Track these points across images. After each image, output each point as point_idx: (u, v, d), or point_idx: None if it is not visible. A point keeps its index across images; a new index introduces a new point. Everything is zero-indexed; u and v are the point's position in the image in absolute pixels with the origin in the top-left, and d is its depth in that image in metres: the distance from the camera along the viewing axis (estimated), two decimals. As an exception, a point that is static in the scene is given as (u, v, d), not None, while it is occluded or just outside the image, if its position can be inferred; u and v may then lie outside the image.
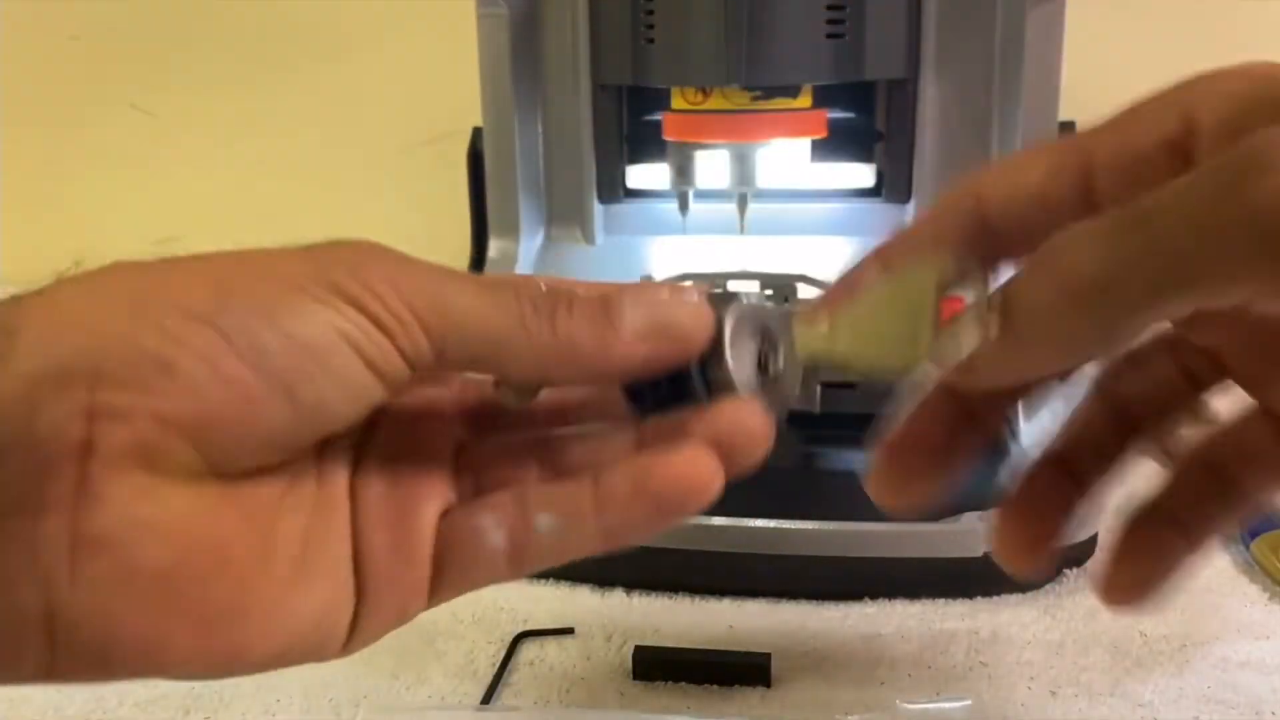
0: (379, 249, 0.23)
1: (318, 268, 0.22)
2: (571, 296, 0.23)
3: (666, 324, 0.24)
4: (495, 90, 0.63)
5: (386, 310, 0.22)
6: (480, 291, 0.23)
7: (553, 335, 0.23)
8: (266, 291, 0.22)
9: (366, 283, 0.22)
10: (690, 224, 0.63)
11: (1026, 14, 0.58)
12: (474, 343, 0.23)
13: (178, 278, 0.22)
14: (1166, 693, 0.40)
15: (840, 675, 0.42)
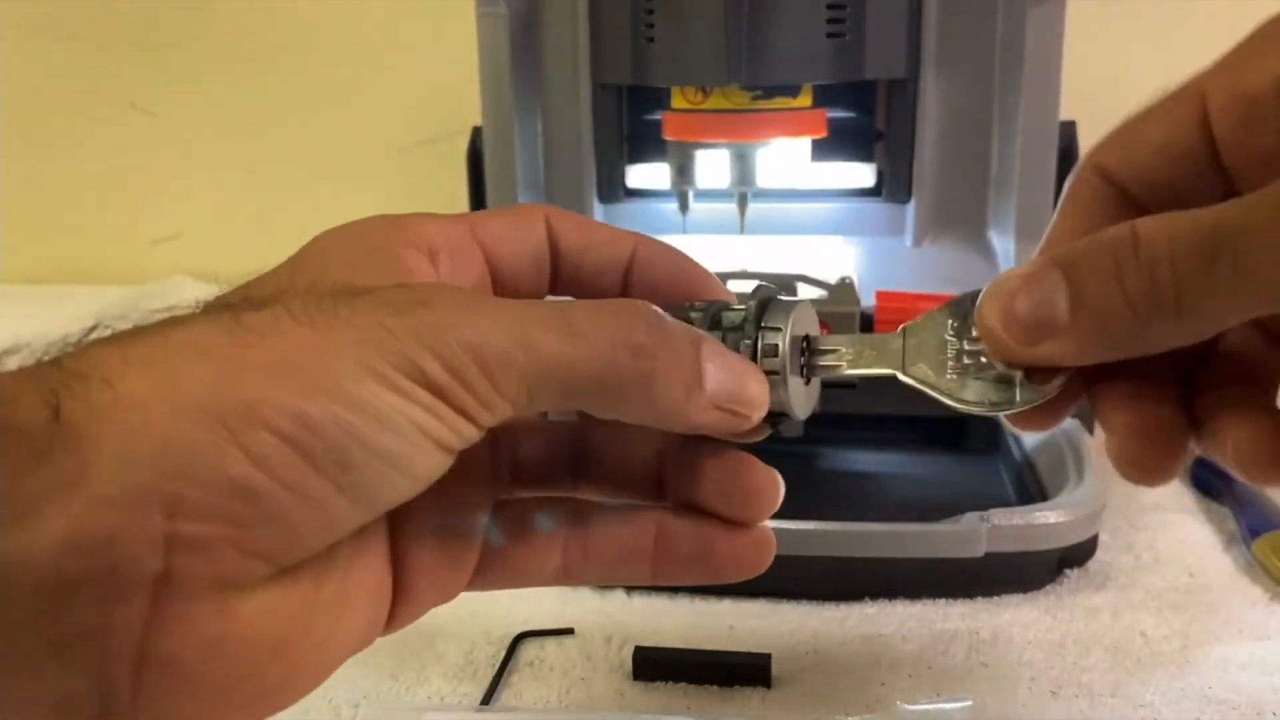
0: (459, 304, 0.22)
1: (397, 347, 0.21)
2: (670, 345, 0.23)
3: (741, 397, 0.24)
4: (495, 90, 0.63)
5: (470, 393, 0.21)
6: (573, 341, 0.22)
7: (645, 388, 0.23)
8: (349, 390, 0.20)
9: (449, 361, 0.21)
10: (690, 224, 0.63)
11: (1026, 14, 0.58)
12: (559, 396, 0.23)
13: (257, 376, 0.20)
14: (1167, 693, 0.40)
15: (840, 675, 0.42)
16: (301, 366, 0.20)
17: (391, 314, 0.21)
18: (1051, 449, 0.53)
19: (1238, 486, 0.54)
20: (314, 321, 0.21)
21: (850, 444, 0.61)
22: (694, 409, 0.23)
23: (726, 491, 0.27)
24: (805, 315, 0.27)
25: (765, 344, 0.26)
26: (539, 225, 0.28)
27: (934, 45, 0.59)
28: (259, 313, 0.21)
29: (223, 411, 0.19)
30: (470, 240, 0.27)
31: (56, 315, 0.95)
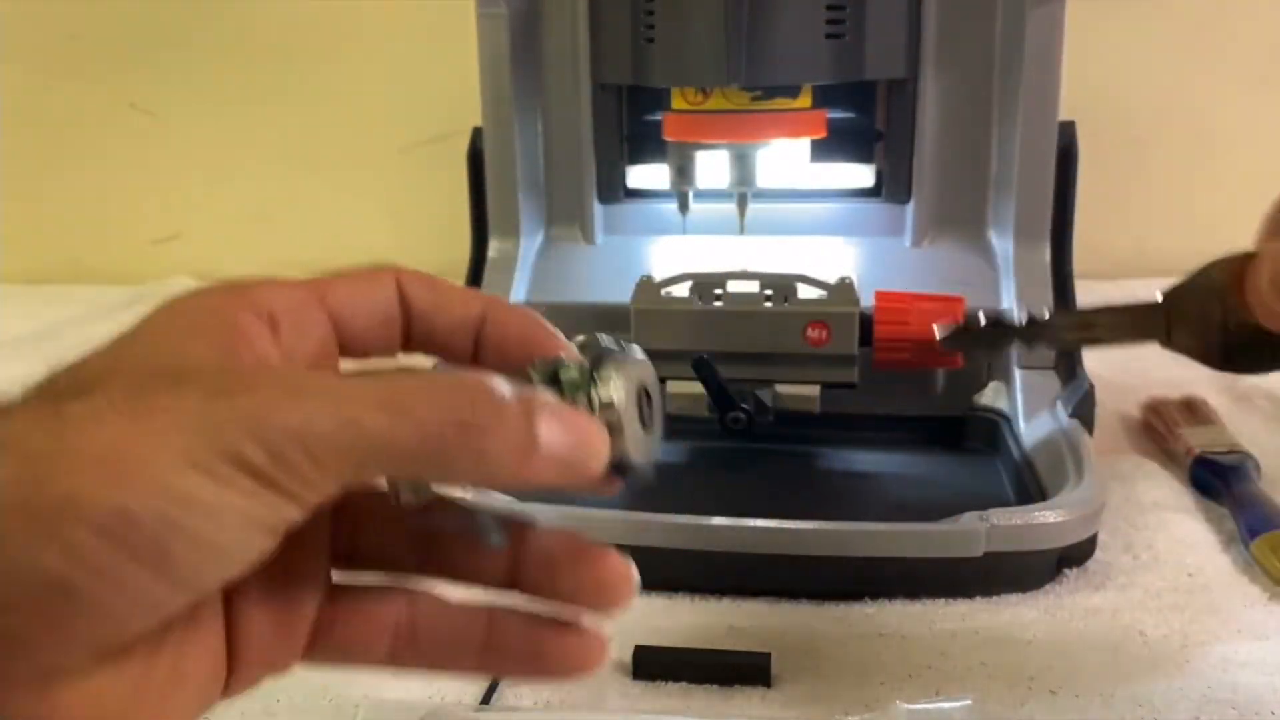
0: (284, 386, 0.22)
1: (217, 434, 0.20)
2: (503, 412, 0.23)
3: (579, 454, 0.24)
4: (495, 90, 0.63)
5: (293, 475, 0.21)
6: (401, 419, 0.22)
7: (477, 460, 0.22)
8: (167, 481, 0.20)
9: (270, 445, 0.21)
10: (690, 224, 0.63)
11: (1026, 14, 0.58)
12: (388, 468, 0.22)
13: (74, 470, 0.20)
14: (1166, 693, 0.40)
15: (840, 675, 0.42)
16: (119, 458, 0.20)
17: (212, 399, 0.21)
18: (1051, 449, 0.53)
19: (1237, 487, 0.54)
20: (134, 410, 0.21)
21: (850, 444, 0.61)
22: (530, 470, 0.23)
23: (579, 581, 0.27)
24: (640, 368, 0.27)
25: (601, 398, 0.26)
26: (389, 286, 0.28)
27: (933, 46, 0.59)
28: (80, 402, 0.21)
29: (39, 508, 0.20)
30: (315, 305, 0.27)
31: (56, 315, 0.95)
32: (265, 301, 0.25)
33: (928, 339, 0.54)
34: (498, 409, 0.22)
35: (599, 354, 0.27)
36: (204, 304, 0.25)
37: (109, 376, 0.22)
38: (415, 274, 0.28)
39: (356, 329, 0.27)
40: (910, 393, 0.61)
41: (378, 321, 0.27)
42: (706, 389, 0.55)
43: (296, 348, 0.26)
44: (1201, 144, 0.96)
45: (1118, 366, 0.72)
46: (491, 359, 0.28)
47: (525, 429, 0.23)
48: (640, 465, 0.27)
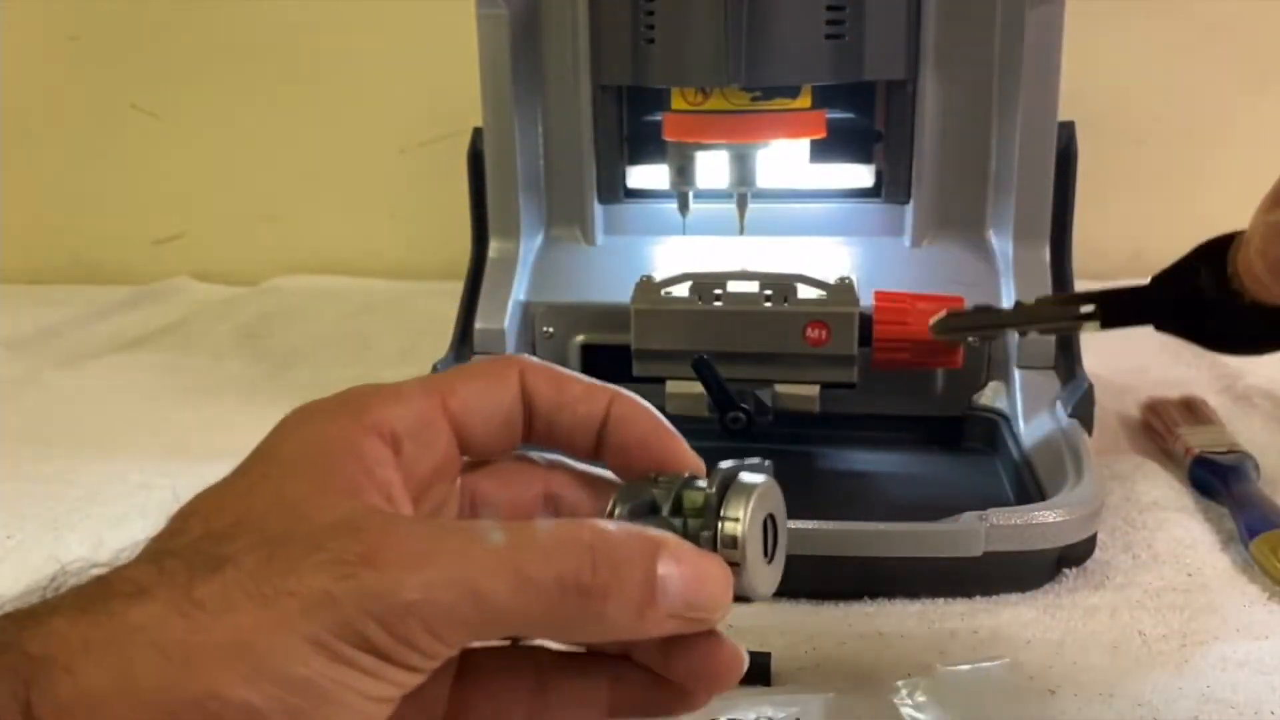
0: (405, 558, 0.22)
1: (342, 617, 0.21)
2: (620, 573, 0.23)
3: (700, 605, 0.24)
4: (495, 90, 0.63)
5: (414, 650, 0.22)
6: (520, 589, 0.22)
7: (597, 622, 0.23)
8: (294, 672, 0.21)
9: (393, 627, 0.22)
10: (690, 224, 0.63)
11: (1026, 14, 0.58)
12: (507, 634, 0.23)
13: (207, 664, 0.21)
14: (1166, 692, 0.40)
15: (840, 675, 0.42)
16: (250, 650, 0.21)
17: (336, 578, 0.22)
18: (1050, 448, 0.53)
19: (1236, 487, 0.54)
20: (263, 595, 0.22)
21: (850, 444, 0.61)
22: (648, 626, 0.23)
23: (691, 668, 0.27)
24: (768, 494, 0.27)
25: (725, 535, 0.25)
26: (513, 384, 0.28)
27: (933, 46, 0.59)
28: (212, 583, 0.22)
29: (175, 705, 0.21)
30: (438, 416, 0.27)
31: (56, 315, 0.95)
32: (389, 422, 0.26)
33: (927, 339, 0.54)
34: (616, 571, 0.23)
35: (728, 478, 0.27)
36: (326, 430, 0.25)
37: (239, 543, 0.23)
38: (540, 368, 0.28)
39: (478, 433, 0.28)
40: (910, 393, 0.61)
41: (499, 423, 0.28)
42: (706, 389, 0.55)
43: (419, 464, 0.26)
44: (1201, 144, 0.96)
45: (1117, 366, 0.72)
46: (613, 459, 0.29)
47: (644, 590, 0.23)
48: (760, 597, 0.26)
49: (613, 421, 0.28)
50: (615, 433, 0.28)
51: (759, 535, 0.26)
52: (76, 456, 0.62)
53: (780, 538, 0.27)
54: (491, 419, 0.28)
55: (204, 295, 1.03)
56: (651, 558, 0.23)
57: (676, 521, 0.26)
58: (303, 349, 0.86)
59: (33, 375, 0.80)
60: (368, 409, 0.26)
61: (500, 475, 0.29)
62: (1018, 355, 0.59)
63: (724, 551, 0.25)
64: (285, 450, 0.25)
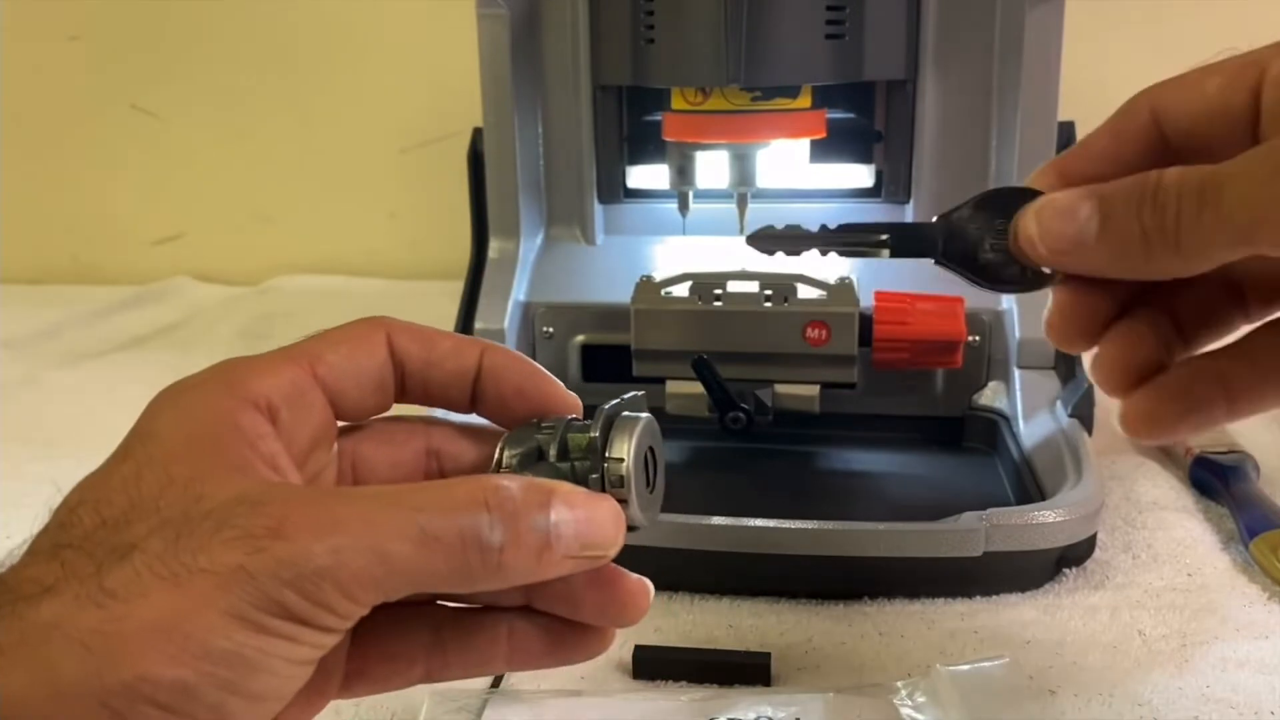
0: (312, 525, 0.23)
1: (258, 588, 0.22)
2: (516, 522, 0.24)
3: (595, 543, 0.25)
4: (495, 90, 0.63)
5: (330, 611, 0.23)
6: (425, 548, 0.23)
7: (497, 571, 0.24)
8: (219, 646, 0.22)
9: (308, 592, 0.22)
10: (690, 224, 0.63)
11: (1026, 14, 0.58)
12: (414, 590, 0.24)
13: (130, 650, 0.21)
14: (1166, 692, 0.40)
15: (840, 674, 0.42)
16: (173, 629, 0.21)
17: (248, 552, 0.22)
18: (1050, 448, 0.53)
19: (1236, 487, 0.54)
20: (176, 576, 0.22)
21: (850, 444, 0.61)
22: (547, 569, 0.25)
23: (600, 604, 0.28)
24: (647, 429, 0.28)
25: (611, 474, 0.27)
26: (380, 345, 0.28)
27: (933, 46, 0.59)
28: (120, 570, 0.22)
29: (104, 694, 0.21)
30: (309, 383, 0.27)
31: (56, 315, 0.95)
32: (262, 392, 0.26)
33: (927, 339, 0.54)
34: (513, 521, 0.24)
35: (610, 417, 0.28)
36: (203, 406, 0.26)
37: (139, 528, 0.23)
38: (406, 327, 0.29)
39: (351, 397, 0.28)
40: (910, 393, 0.61)
41: (371, 386, 0.28)
42: (706, 389, 0.55)
43: (297, 433, 0.27)
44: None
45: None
46: (490, 409, 0.29)
47: (539, 536, 0.24)
48: (645, 525, 0.28)
49: (486, 373, 0.29)
50: (490, 384, 0.29)
51: (642, 470, 0.27)
52: (76, 456, 0.62)
53: (659, 467, 0.29)
54: (362, 381, 0.28)
55: (204, 295, 1.03)
56: (544, 506, 0.24)
57: (564, 466, 0.27)
58: (303, 349, 0.85)
59: (33, 375, 0.80)
60: (241, 382, 0.26)
61: (378, 436, 0.30)
62: (1018, 355, 0.59)
63: (611, 490, 0.27)
64: (165, 430, 0.25)
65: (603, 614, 0.28)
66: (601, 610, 0.28)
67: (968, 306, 0.55)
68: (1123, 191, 0.28)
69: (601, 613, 0.28)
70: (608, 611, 0.28)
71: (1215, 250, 0.27)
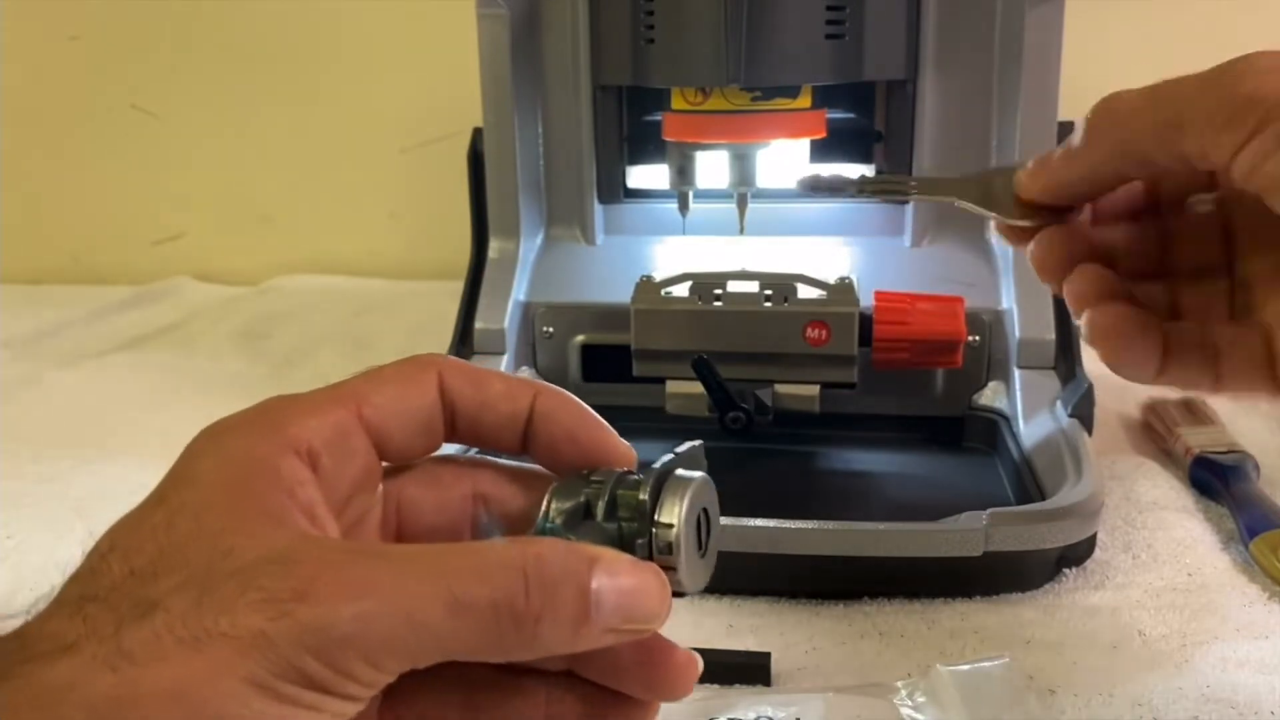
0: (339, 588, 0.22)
1: (278, 656, 0.21)
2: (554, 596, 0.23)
3: (637, 617, 0.24)
4: (495, 90, 0.63)
5: (353, 680, 0.22)
6: (456, 615, 0.22)
7: (532, 642, 0.23)
8: (238, 713, 0.21)
9: (333, 661, 0.21)
10: (690, 224, 0.63)
11: (1026, 14, 0.58)
12: (444, 658, 0.23)
13: (144, 713, 0.21)
14: (1166, 692, 0.40)
15: (840, 674, 0.42)
16: (186, 698, 0.21)
17: (271, 617, 0.21)
18: (1050, 448, 0.53)
19: (1236, 487, 0.54)
20: (195, 639, 0.21)
21: (850, 444, 0.61)
22: (585, 642, 0.23)
23: (645, 677, 0.27)
24: (701, 490, 0.27)
25: (659, 541, 0.25)
26: (430, 386, 0.27)
27: (933, 46, 0.59)
28: (140, 629, 0.21)
29: None
30: (354, 426, 0.26)
31: (56, 315, 0.95)
32: (304, 437, 0.25)
33: (927, 339, 0.54)
34: (550, 591, 0.23)
35: (662, 476, 0.26)
36: (242, 451, 0.25)
37: (164, 584, 0.22)
38: (458, 367, 0.28)
39: (397, 439, 0.27)
40: (910, 393, 0.61)
41: (417, 427, 0.27)
42: (706, 389, 0.55)
43: (339, 478, 0.26)
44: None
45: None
46: (541, 454, 0.28)
47: (578, 608, 0.23)
48: (693, 593, 0.26)
49: (538, 417, 0.28)
50: (542, 428, 0.28)
51: (693, 535, 0.26)
52: (76, 456, 0.62)
53: (713, 529, 0.27)
54: (409, 423, 0.27)
55: (204, 295, 1.03)
56: (585, 575, 0.23)
57: (611, 526, 0.26)
58: (303, 349, 0.86)
59: (33, 375, 0.80)
60: (282, 425, 0.25)
61: (425, 478, 0.29)
62: (1018, 355, 0.59)
63: (659, 558, 0.25)
64: (201, 474, 0.24)
65: (647, 687, 0.27)
66: (646, 683, 0.27)
67: (968, 306, 0.55)
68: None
69: (646, 686, 0.27)
70: (652, 685, 0.27)
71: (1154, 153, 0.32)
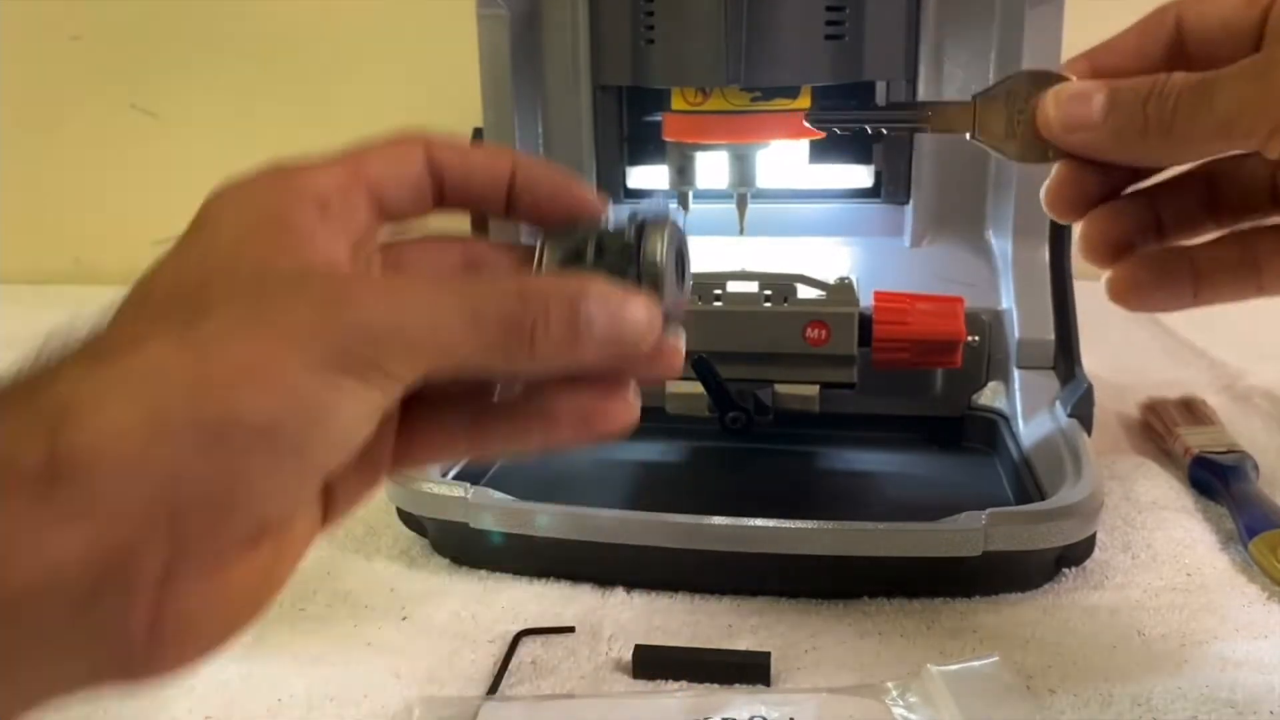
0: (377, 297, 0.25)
1: (331, 344, 0.24)
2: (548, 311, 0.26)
3: (624, 336, 0.27)
4: (495, 90, 0.63)
5: (389, 375, 0.25)
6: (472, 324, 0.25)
7: (530, 354, 0.26)
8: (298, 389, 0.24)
9: (380, 354, 0.24)
10: (690, 224, 0.63)
11: (1026, 14, 0.58)
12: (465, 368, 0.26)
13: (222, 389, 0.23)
14: (1165, 692, 0.40)
15: (839, 674, 0.42)
16: (261, 372, 0.23)
17: (321, 315, 0.24)
18: (1049, 448, 0.53)
19: (1235, 487, 0.55)
20: (260, 326, 0.24)
21: (849, 444, 0.61)
22: (580, 355, 0.27)
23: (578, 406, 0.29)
24: (675, 230, 0.30)
25: (646, 273, 0.29)
26: (419, 155, 0.30)
27: (933, 46, 0.59)
28: (210, 323, 0.24)
29: (200, 426, 0.23)
30: (356, 183, 0.29)
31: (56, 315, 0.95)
32: (313, 188, 0.28)
33: (927, 339, 0.54)
34: (545, 308, 0.26)
35: (641, 221, 0.30)
36: (260, 200, 0.28)
37: (218, 292, 0.25)
38: (441, 139, 0.30)
39: (392, 199, 0.30)
40: (910, 393, 0.61)
41: (410, 190, 0.30)
42: (706, 389, 0.55)
43: (345, 228, 0.28)
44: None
45: (1117, 367, 0.72)
46: (525, 214, 0.31)
47: (570, 323, 0.26)
48: (676, 319, 0.30)
49: (520, 178, 0.30)
50: (524, 189, 0.30)
51: (673, 268, 0.30)
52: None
53: (686, 266, 0.31)
54: (402, 185, 0.30)
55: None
56: (576, 296, 0.27)
57: (600, 267, 0.29)
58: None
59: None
60: (294, 179, 0.28)
61: (419, 245, 0.32)
62: (1017, 355, 0.59)
63: (645, 288, 0.29)
64: (226, 221, 0.27)
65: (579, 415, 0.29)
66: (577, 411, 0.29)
67: (967, 306, 0.55)
68: (1133, 85, 0.33)
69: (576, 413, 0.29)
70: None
71: (1200, 142, 0.32)
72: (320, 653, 0.43)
